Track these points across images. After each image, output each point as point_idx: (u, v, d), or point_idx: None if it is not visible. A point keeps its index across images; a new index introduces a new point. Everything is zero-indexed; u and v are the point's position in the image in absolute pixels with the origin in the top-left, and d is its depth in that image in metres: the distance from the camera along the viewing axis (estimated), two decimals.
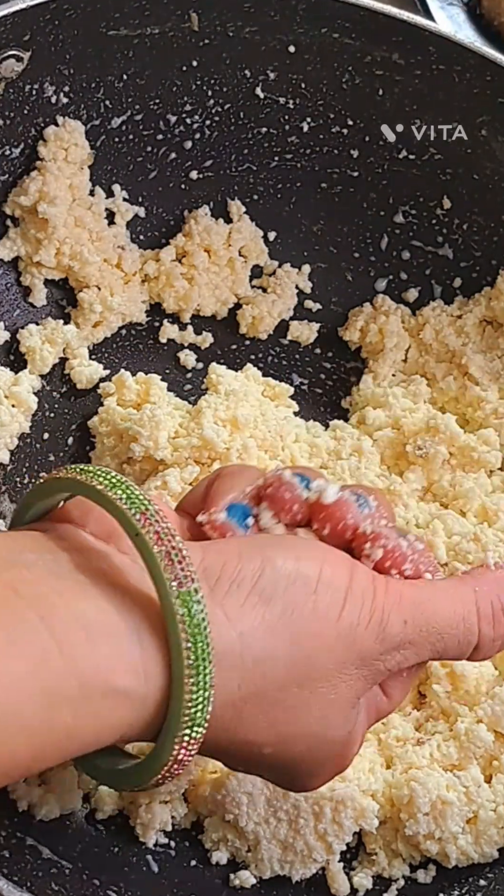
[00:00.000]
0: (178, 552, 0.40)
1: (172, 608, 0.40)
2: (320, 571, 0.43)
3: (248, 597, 0.42)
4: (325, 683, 0.43)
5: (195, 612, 0.40)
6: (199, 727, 0.40)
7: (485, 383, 0.68)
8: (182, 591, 0.40)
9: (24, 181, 0.67)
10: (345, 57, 0.68)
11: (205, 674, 0.40)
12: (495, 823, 0.56)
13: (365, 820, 0.56)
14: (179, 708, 0.40)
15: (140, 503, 0.41)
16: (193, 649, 0.39)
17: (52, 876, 0.54)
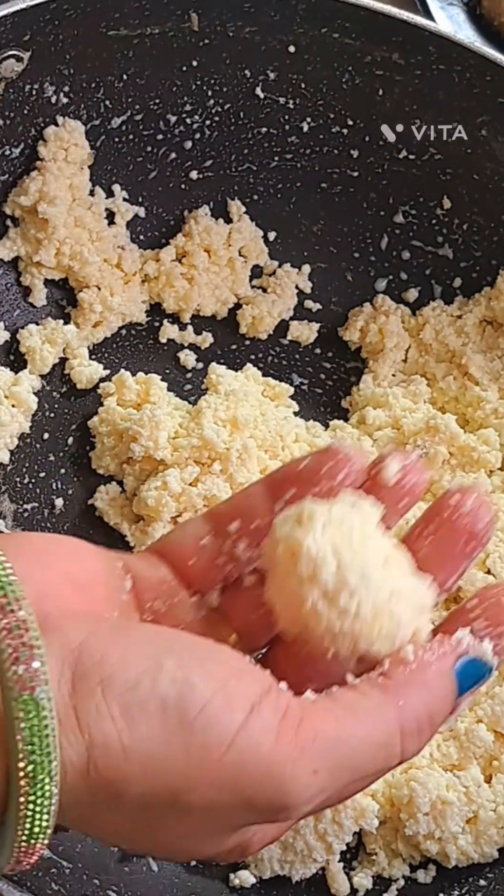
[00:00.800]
0: (28, 650, 0.36)
1: (12, 713, 0.35)
2: (208, 701, 0.37)
3: (110, 707, 0.37)
4: (193, 817, 0.38)
5: (35, 718, 0.35)
6: (40, 836, 0.36)
7: (485, 383, 0.68)
8: (23, 696, 0.35)
9: (24, 181, 0.67)
10: (345, 57, 0.68)
11: (43, 788, 0.36)
12: (495, 823, 0.56)
13: (365, 820, 0.56)
14: (14, 818, 0.36)
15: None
16: (31, 761, 0.35)
17: (52, 876, 0.54)
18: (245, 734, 0.37)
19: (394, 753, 0.40)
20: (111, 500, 0.65)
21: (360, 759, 0.39)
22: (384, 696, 0.40)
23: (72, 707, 0.37)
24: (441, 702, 0.41)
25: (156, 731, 0.37)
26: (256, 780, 0.37)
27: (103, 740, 0.36)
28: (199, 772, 0.37)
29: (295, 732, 0.38)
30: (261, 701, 0.38)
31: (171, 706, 0.37)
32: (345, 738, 0.39)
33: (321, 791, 0.39)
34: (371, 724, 0.39)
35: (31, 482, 0.65)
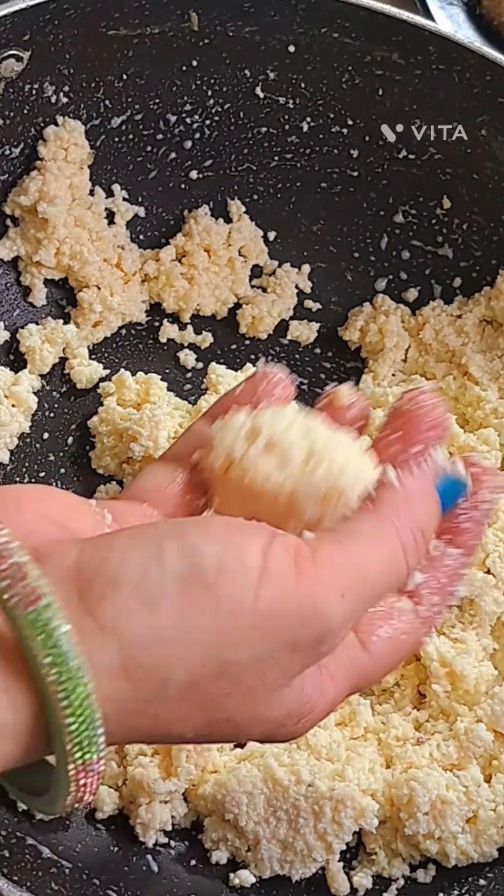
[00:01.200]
0: (18, 568, 0.36)
1: (22, 631, 0.35)
2: (220, 559, 0.38)
3: (127, 601, 0.37)
4: (245, 674, 0.38)
5: (50, 630, 0.35)
6: (93, 748, 0.36)
7: (484, 383, 0.68)
8: (28, 611, 0.35)
9: (24, 181, 0.67)
10: (345, 57, 0.68)
11: (77, 694, 0.35)
12: (495, 823, 0.56)
13: (365, 819, 0.56)
14: (61, 733, 0.36)
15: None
16: (58, 670, 0.35)
17: (52, 875, 0.54)
18: (267, 578, 0.38)
19: (401, 568, 0.42)
20: (111, 499, 0.65)
21: (376, 576, 0.41)
22: (378, 518, 0.42)
23: (88, 616, 0.37)
24: (429, 517, 0.44)
25: (181, 605, 0.37)
26: (292, 616, 0.38)
27: (133, 634, 0.37)
28: (235, 627, 0.38)
29: (312, 565, 0.39)
30: (270, 544, 0.39)
31: (187, 577, 0.37)
32: (358, 560, 0.41)
33: (353, 612, 0.40)
34: (375, 543, 0.42)
35: (31, 482, 0.65)
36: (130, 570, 0.37)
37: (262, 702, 0.40)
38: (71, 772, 0.36)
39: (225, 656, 0.38)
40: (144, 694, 0.37)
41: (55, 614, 0.36)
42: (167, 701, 0.38)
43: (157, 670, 0.37)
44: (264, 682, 0.39)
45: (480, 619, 0.61)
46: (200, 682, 0.38)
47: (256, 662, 0.39)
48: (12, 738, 0.36)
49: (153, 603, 0.37)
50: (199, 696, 0.38)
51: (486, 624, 0.61)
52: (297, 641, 0.39)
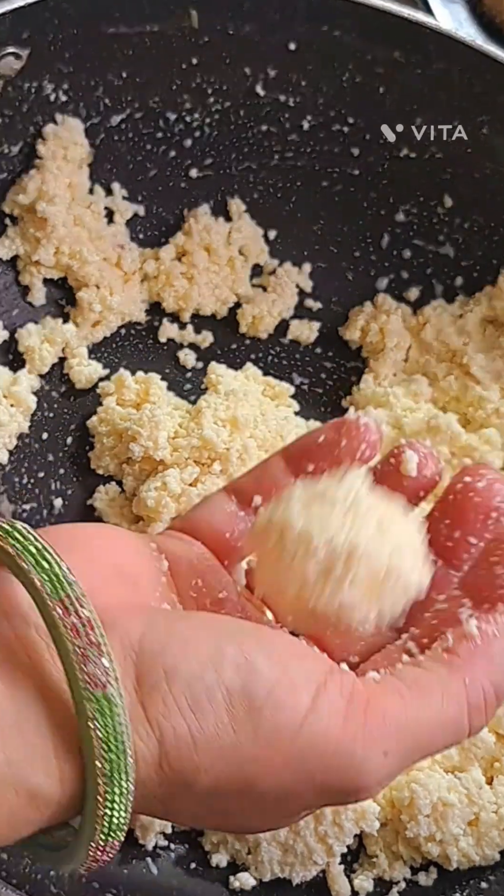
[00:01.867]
0: (95, 648, 0.36)
1: (85, 713, 0.36)
2: (274, 685, 0.37)
3: (177, 700, 0.37)
4: (265, 801, 0.38)
5: (108, 714, 0.36)
6: (116, 832, 0.37)
7: (486, 383, 0.68)
8: (96, 694, 0.36)
9: (23, 180, 0.67)
10: (345, 55, 0.67)
11: (120, 787, 0.36)
12: (496, 825, 0.56)
13: (365, 822, 0.56)
14: (92, 813, 0.36)
15: (61, 586, 0.36)
16: (107, 759, 0.36)
17: (52, 879, 0.54)
18: (314, 717, 0.37)
19: (461, 729, 0.40)
20: (110, 500, 0.65)
21: (429, 738, 0.39)
22: (450, 671, 0.40)
23: (139, 702, 0.37)
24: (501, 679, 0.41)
25: (224, 719, 0.37)
26: (328, 763, 0.38)
27: (173, 733, 0.37)
28: (270, 757, 0.37)
29: (363, 714, 0.38)
30: (325, 682, 0.38)
31: (238, 693, 0.37)
32: (413, 718, 0.39)
33: (391, 774, 0.39)
34: (438, 703, 0.40)
35: (29, 482, 0.65)
36: (188, 667, 0.37)
37: (274, 821, 0.41)
38: (91, 847, 0.37)
39: (252, 781, 0.38)
40: (169, 790, 0.38)
41: (119, 705, 0.36)
42: (187, 800, 0.38)
43: (186, 773, 0.37)
44: (281, 810, 0.39)
45: None
46: (222, 794, 0.38)
47: (281, 794, 0.38)
48: (47, 810, 0.37)
49: (200, 708, 0.37)
50: (217, 805, 0.39)
51: None
52: (328, 788, 0.38)
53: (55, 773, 0.36)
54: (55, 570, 0.37)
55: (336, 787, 0.38)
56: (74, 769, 0.36)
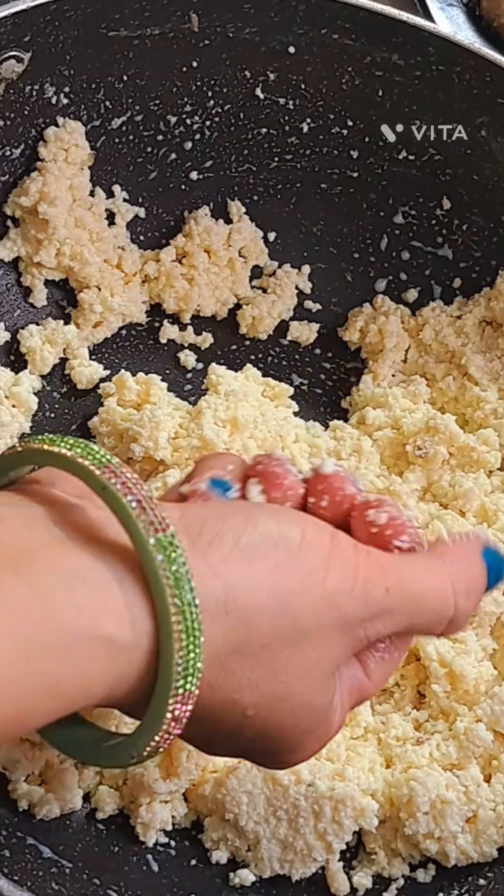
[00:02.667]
0: (148, 500, 0.39)
1: (150, 554, 0.39)
2: (302, 534, 0.43)
3: (231, 551, 0.41)
4: (307, 644, 0.43)
5: (174, 557, 0.39)
6: (193, 678, 0.39)
7: (484, 383, 0.68)
8: (158, 538, 0.39)
9: (25, 182, 0.67)
10: (345, 58, 0.68)
11: (192, 619, 0.39)
12: (494, 823, 0.56)
13: (364, 819, 0.56)
14: (171, 657, 0.39)
15: (102, 458, 0.40)
16: (178, 595, 0.39)
17: (53, 875, 0.54)
18: (334, 558, 0.43)
19: (448, 602, 0.45)
20: None
21: (420, 593, 0.45)
22: (433, 556, 0.46)
23: (200, 556, 0.40)
24: (477, 578, 0.47)
25: (273, 564, 0.41)
26: (347, 594, 0.43)
27: (236, 580, 0.41)
28: (311, 594, 0.42)
29: (367, 559, 0.44)
30: (336, 534, 0.44)
31: (277, 542, 0.42)
32: (406, 570, 0.45)
33: (390, 611, 0.44)
34: (426, 569, 0.45)
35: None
36: (230, 528, 0.42)
37: (313, 683, 0.44)
38: (171, 702, 0.39)
39: (298, 617, 0.42)
40: (232, 641, 0.41)
41: (178, 546, 0.39)
42: (246, 655, 0.41)
43: (249, 617, 0.41)
44: (319, 658, 0.43)
45: (480, 619, 0.61)
46: (274, 643, 0.42)
47: (318, 633, 0.43)
48: (128, 660, 0.39)
49: (251, 557, 0.41)
50: (270, 658, 0.42)
51: (485, 624, 0.61)
52: (347, 620, 0.43)
53: (126, 616, 0.38)
54: (93, 450, 0.41)
55: (354, 617, 0.43)
56: (145, 612, 0.39)
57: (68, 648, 0.37)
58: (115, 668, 0.38)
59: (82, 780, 0.57)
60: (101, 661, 0.38)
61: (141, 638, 0.39)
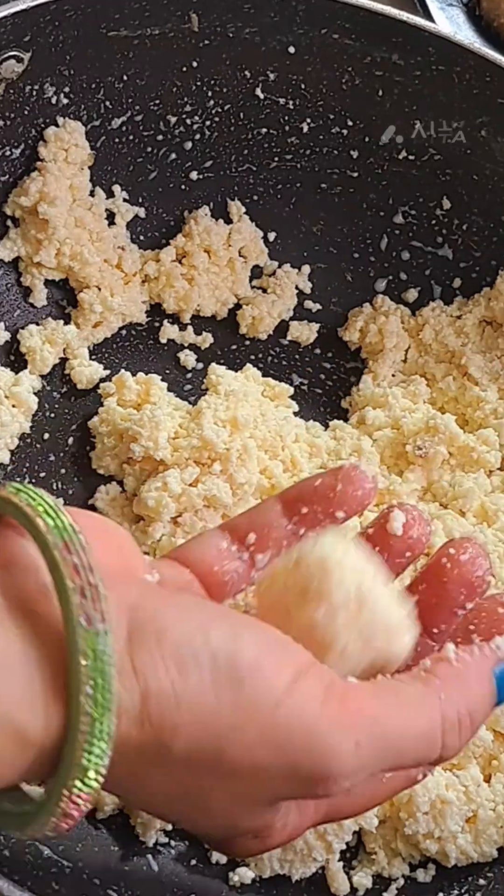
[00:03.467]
0: (92, 589, 0.37)
1: (76, 646, 0.37)
2: (257, 660, 0.39)
3: (164, 658, 0.38)
4: (235, 778, 0.39)
5: (100, 653, 0.37)
6: (92, 780, 0.37)
7: (484, 383, 0.68)
8: (90, 631, 0.37)
9: (25, 182, 0.67)
10: (345, 58, 0.68)
11: (101, 722, 0.37)
12: (494, 822, 0.56)
13: (364, 819, 0.56)
14: (72, 754, 0.37)
15: (65, 532, 0.38)
16: (93, 695, 0.36)
17: (53, 875, 0.54)
18: (292, 697, 0.38)
19: (434, 745, 0.41)
20: (111, 500, 0.65)
21: (401, 742, 0.40)
22: (426, 688, 0.41)
23: (128, 655, 0.38)
24: (480, 702, 0.43)
25: (207, 683, 0.38)
26: (301, 743, 0.38)
27: (157, 688, 0.38)
28: (245, 729, 0.38)
29: (339, 704, 0.39)
30: (307, 670, 0.39)
31: (223, 661, 0.38)
32: (387, 718, 0.40)
33: (362, 767, 0.39)
34: (413, 711, 0.41)
35: (31, 482, 0.65)
36: (179, 630, 0.38)
37: (241, 812, 0.41)
38: (64, 797, 0.37)
39: (225, 751, 0.38)
40: (146, 751, 0.38)
41: (109, 644, 0.37)
42: (162, 767, 0.39)
43: (165, 732, 0.38)
44: (251, 794, 0.40)
45: None
46: (195, 768, 0.39)
47: (252, 771, 0.39)
48: (36, 751, 0.37)
49: (185, 668, 0.38)
50: (189, 781, 0.39)
51: None
52: (297, 771, 0.39)
53: (41, 713, 0.37)
54: (60, 519, 0.38)
55: (306, 770, 0.39)
56: (60, 713, 0.37)
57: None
58: (24, 757, 0.37)
59: None
60: (10, 750, 0.37)
61: (52, 732, 0.37)
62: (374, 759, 0.40)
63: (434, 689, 0.41)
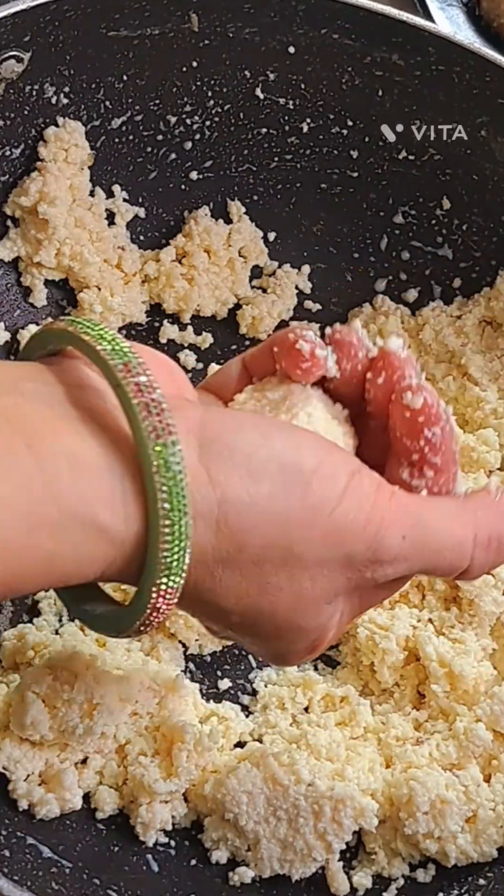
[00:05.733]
0: (156, 405, 0.40)
1: (148, 458, 0.40)
2: (319, 464, 0.43)
3: (236, 467, 0.41)
4: (303, 573, 0.43)
5: (171, 463, 0.40)
6: (176, 576, 0.41)
7: (484, 383, 0.68)
8: (159, 443, 0.40)
9: (25, 182, 0.67)
10: (344, 58, 0.68)
11: (180, 524, 0.40)
12: (494, 822, 0.56)
13: (364, 819, 0.56)
14: (156, 554, 0.40)
15: (123, 354, 0.41)
16: (169, 499, 0.40)
17: (53, 875, 0.54)
18: (349, 495, 0.43)
19: (465, 555, 0.45)
20: None
21: (439, 545, 0.45)
22: (463, 505, 0.46)
23: (203, 467, 0.41)
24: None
25: (277, 487, 0.42)
26: (357, 534, 0.43)
27: (233, 495, 0.41)
28: (312, 525, 0.42)
29: (388, 500, 0.44)
30: (360, 470, 0.44)
31: (289, 467, 0.42)
32: (427, 518, 0.44)
33: (404, 558, 0.44)
34: (449, 519, 0.45)
35: None
36: (245, 442, 0.42)
37: (306, 608, 0.44)
38: (153, 594, 0.41)
39: (293, 546, 0.42)
40: (221, 553, 0.42)
41: (178, 452, 0.40)
42: (235, 568, 0.42)
43: (240, 534, 0.41)
44: (314, 588, 0.43)
45: (480, 619, 0.61)
46: (266, 564, 0.42)
47: (314, 565, 0.43)
48: (119, 549, 0.40)
49: (257, 477, 0.41)
50: (260, 576, 0.43)
51: (485, 624, 0.61)
52: (353, 559, 0.43)
53: (121, 511, 0.40)
54: (118, 343, 0.41)
55: (360, 557, 0.43)
56: (139, 511, 0.40)
57: (63, 529, 0.39)
58: (106, 554, 0.40)
59: (82, 780, 0.57)
60: (93, 546, 0.40)
61: (131, 533, 0.40)
62: (414, 554, 0.44)
63: (471, 506, 0.46)
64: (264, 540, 0.42)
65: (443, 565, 0.45)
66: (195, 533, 0.41)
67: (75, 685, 0.56)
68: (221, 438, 0.42)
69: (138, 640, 0.62)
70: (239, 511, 0.41)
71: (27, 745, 0.56)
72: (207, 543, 0.41)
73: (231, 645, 0.64)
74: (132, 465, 0.40)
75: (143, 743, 0.58)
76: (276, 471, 0.42)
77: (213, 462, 0.41)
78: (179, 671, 0.62)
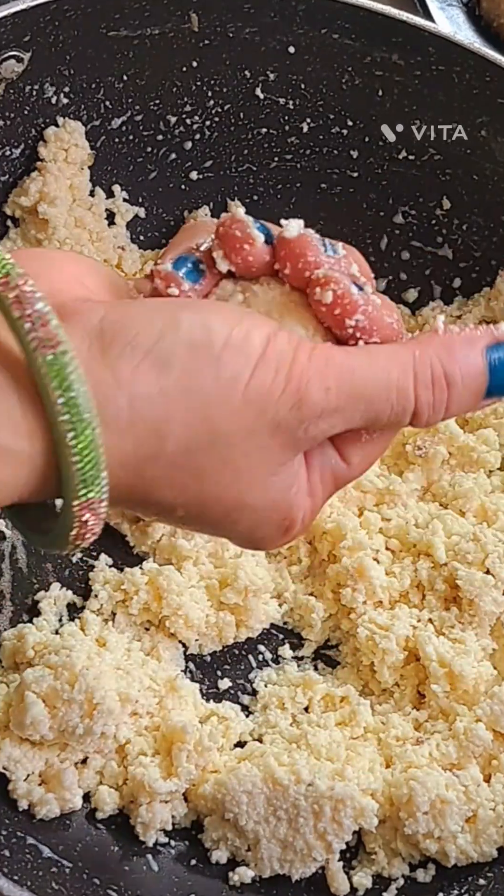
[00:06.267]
0: (39, 315, 0.39)
1: (39, 371, 0.38)
2: (228, 336, 0.41)
3: (141, 361, 0.40)
4: (233, 450, 0.42)
5: (64, 374, 0.38)
6: (96, 487, 0.39)
7: None
8: (47, 355, 0.38)
9: (25, 182, 0.67)
10: (344, 58, 0.68)
11: (85, 434, 0.39)
12: (494, 822, 0.56)
13: (364, 819, 0.56)
14: (69, 469, 0.39)
15: (1, 267, 0.39)
16: (67, 410, 0.38)
17: (53, 875, 0.54)
18: (265, 361, 0.41)
19: (407, 396, 0.43)
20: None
21: (371, 391, 0.42)
22: (399, 345, 0.43)
23: (107, 369, 0.40)
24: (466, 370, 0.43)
25: (188, 369, 0.40)
26: (278, 398, 0.41)
27: (142, 391, 0.40)
28: (230, 398, 0.41)
29: (308, 357, 0.42)
30: (275, 333, 0.42)
31: (197, 345, 0.40)
32: (354, 365, 0.42)
33: (334, 409, 0.42)
34: (384, 361, 0.43)
35: None
36: (148, 333, 0.40)
37: (250, 485, 0.43)
38: (75, 508, 0.39)
39: (217, 425, 0.41)
40: (144, 451, 0.40)
41: (70, 361, 0.38)
42: (163, 463, 0.41)
43: (158, 426, 0.40)
44: (251, 463, 0.42)
45: (479, 619, 0.61)
46: (194, 450, 0.41)
47: (244, 439, 0.41)
48: (28, 467, 0.39)
49: (164, 365, 0.40)
50: (192, 465, 0.41)
51: (485, 624, 0.61)
52: (279, 422, 0.41)
53: (23, 429, 0.39)
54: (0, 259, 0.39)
55: (285, 420, 0.41)
56: (41, 428, 0.39)
57: None
58: (16, 474, 0.39)
59: (82, 780, 0.57)
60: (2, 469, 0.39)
61: (37, 451, 0.39)
62: (347, 404, 0.42)
63: (410, 346, 0.43)
64: (185, 427, 0.41)
65: (384, 411, 0.43)
66: (108, 439, 0.39)
67: (75, 685, 0.56)
68: (123, 335, 0.40)
69: (138, 639, 0.62)
70: (152, 405, 0.40)
71: (27, 744, 0.56)
72: (127, 446, 0.40)
73: (231, 645, 0.64)
74: (28, 382, 0.39)
75: (143, 743, 0.58)
76: (184, 353, 0.40)
77: (116, 361, 0.40)
78: (179, 671, 0.62)
